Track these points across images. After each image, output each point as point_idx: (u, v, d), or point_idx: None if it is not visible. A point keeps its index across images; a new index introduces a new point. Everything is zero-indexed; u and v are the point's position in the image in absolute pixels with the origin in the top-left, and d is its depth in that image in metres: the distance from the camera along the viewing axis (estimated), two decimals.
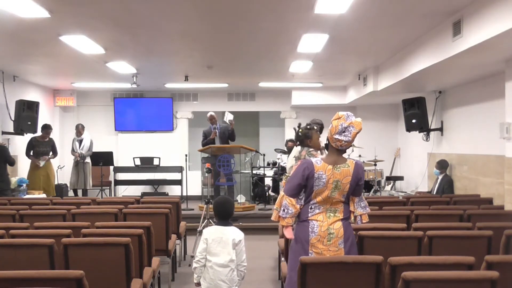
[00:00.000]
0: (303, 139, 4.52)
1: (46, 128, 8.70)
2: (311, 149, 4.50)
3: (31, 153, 8.55)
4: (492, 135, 6.42)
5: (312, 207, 3.23)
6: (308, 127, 4.52)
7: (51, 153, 8.86)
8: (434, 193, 7.94)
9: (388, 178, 10.30)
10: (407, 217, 4.58)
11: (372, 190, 9.55)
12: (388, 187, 10.19)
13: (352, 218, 3.30)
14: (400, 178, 10.39)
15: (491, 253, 3.49)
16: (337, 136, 3.14)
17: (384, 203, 5.46)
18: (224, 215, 3.70)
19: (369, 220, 3.60)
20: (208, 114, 9.13)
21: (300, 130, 4.56)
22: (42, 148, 8.44)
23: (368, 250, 3.49)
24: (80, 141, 9.65)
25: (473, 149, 7.40)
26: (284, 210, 3.26)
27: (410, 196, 7.09)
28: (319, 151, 4.51)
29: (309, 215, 3.23)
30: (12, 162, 7.78)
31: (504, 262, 2.85)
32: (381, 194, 9.51)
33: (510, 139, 5.69)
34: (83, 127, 9.81)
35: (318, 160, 3.22)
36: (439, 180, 7.98)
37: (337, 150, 3.21)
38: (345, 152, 3.27)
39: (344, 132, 3.12)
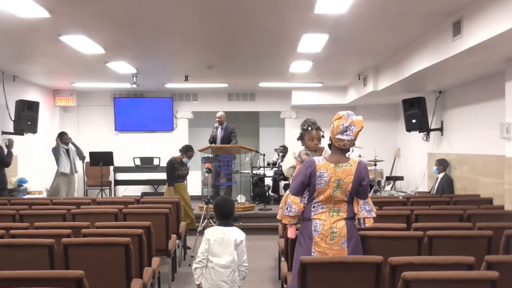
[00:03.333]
0: (300, 140, 4.61)
1: (189, 150, 7.48)
2: (301, 150, 4.55)
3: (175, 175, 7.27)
4: (492, 135, 6.43)
5: (315, 206, 3.23)
6: (303, 127, 4.55)
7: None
8: (434, 192, 7.94)
9: (388, 178, 10.30)
10: (407, 217, 4.59)
11: (372, 190, 9.55)
12: (388, 187, 10.19)
13: (356, 220, 3.30)
14: (400, 178, 10.40)
15: (491, 253, 3.49)
16: (339, 136, 3.16)
17: (384, 203, 5.46)
18: (225, 215, 3.70)
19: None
20: (217, 114, 9.13)
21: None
22: (184, 170, 7.36)
23: (368, 250, 3.49)
24: (67, 150, 8.60)
25: (473, 149, 7.40)
26: (288, 209, 3.28)
27: (410, 196, 7.09)
28: (308, 152, 4.51)
29: (312, 214, 3.23)
30: (7, 163, 7.50)
31: (504, 262, 2.85)
32: (381, 194, 9.51)
33: (510, 139, 5.69)
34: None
35: (320, 158, 3.24)
36: (438, 180, 7.98)
37: (339, 149, 3.23)
38: (348, 151, 3.28)
39: (346, 131, 3.14)
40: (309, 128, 4.38)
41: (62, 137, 8.63)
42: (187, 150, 7.36)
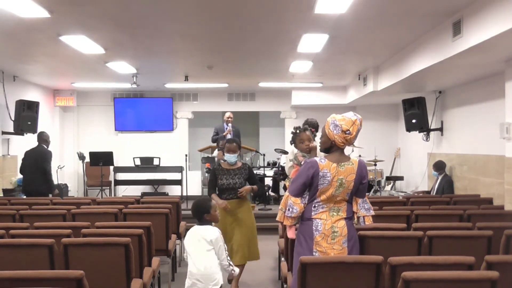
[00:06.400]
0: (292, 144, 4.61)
1: (228, 142, 5.17)
2: (298, 152, 4.56)
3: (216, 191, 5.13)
4: (492, 135, 6.42)
5: (316, 205, 3.24)
6: (292, 132, 4.56)
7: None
8: (434, 193, 7.94)
9: (388, 178, 10.30)
10: (407, 217, 4.59)
11: (372, 190, 9.55)
12: (388, 187, 10.19)
13: (356, 219, 3.31)
14: (400, 178, 10.39)
15: (491, 253, 3.49)
16: (354, 141, 3.25)
17: (384, 203, 5.46)
18: (197, 214, 3.75)
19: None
20: (227, 114, 9.06)
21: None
22: (228, 179, 4.99)
23: (368, 250, 3.49)
24: None
25: (473, 149, 7.40)
26: (289, 210, 3.28)
27: (410, 196, 7.10)
28: (303, 154, 4.51)
29: (313, 214, 3.23)
30: (45, 169, 7.18)
31: (504, 262, 2.85)
32: (381, 194, 9.51)
33: (510, 139, 5.69)
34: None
35: (322, 159, 3.24)
36: (439, 180, 7.98)
37: (339, 149, 3.25)
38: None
39: (357, 134, 3.21)
40: (297, 131, 4.44)
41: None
42: (227, 142, 5.19)
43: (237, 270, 3.77)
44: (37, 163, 7.21)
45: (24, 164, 7.37)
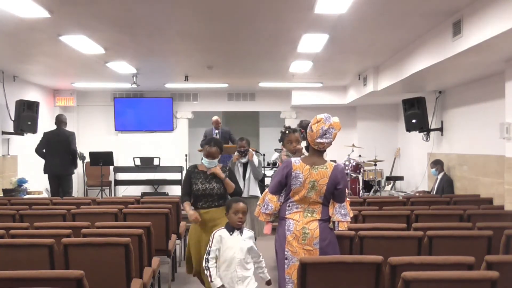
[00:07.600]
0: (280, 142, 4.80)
1: (208, 143, 4.29)
2: (283, 151, 4.68)
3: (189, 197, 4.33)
4: (492, 135, 6.42)
5: (290, 205, 3.31)
6: (281, 131, 4.68)
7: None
8: (434, 192, 7.95)
9: (388, 178, 10.30)
10: (407, 217, 4.59)
11: (372, 190, 9.54)
12: (388, 187, 10.19)
13: (331, 223, 3.34)
14: (400, 178, 10.39)
15: (491, 253, 3.49)
16: (319, 140, 3.22)
17: (384, 203, 5.47)
18: None
19: (369, 220, 3.59)
20: (214, 118, 9.15)
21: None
22: (204, 183, 4.22)
23: (368, 250, 3.49)
24: (245, 165, 5.88)
25: (473, 149, 7.39)
26: (264, 206, 3.38)
27: (410, 196, 7.10)
28: (288, 153, 4.61)
29: (287, 213, 3.31)
30: (75, 150, 8.01)
31: (504, 262, 2.86)
32: (381, 194, 9.51)
33: (510, 139, 5.69)
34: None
35: (297, 159, 3.32)
36: (438, 180, 7.99)
37: (317, 152, 3.30)
38: (324, 151, 3.34)
39: (325, 134, 3.21)
40: (287, 132, 4.53)
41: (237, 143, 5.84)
42: (206, 144, 4.31)
43: (215, 282, 3.35)
44: (64, 146, 7.86)
45: (43, 145, 7.93)
